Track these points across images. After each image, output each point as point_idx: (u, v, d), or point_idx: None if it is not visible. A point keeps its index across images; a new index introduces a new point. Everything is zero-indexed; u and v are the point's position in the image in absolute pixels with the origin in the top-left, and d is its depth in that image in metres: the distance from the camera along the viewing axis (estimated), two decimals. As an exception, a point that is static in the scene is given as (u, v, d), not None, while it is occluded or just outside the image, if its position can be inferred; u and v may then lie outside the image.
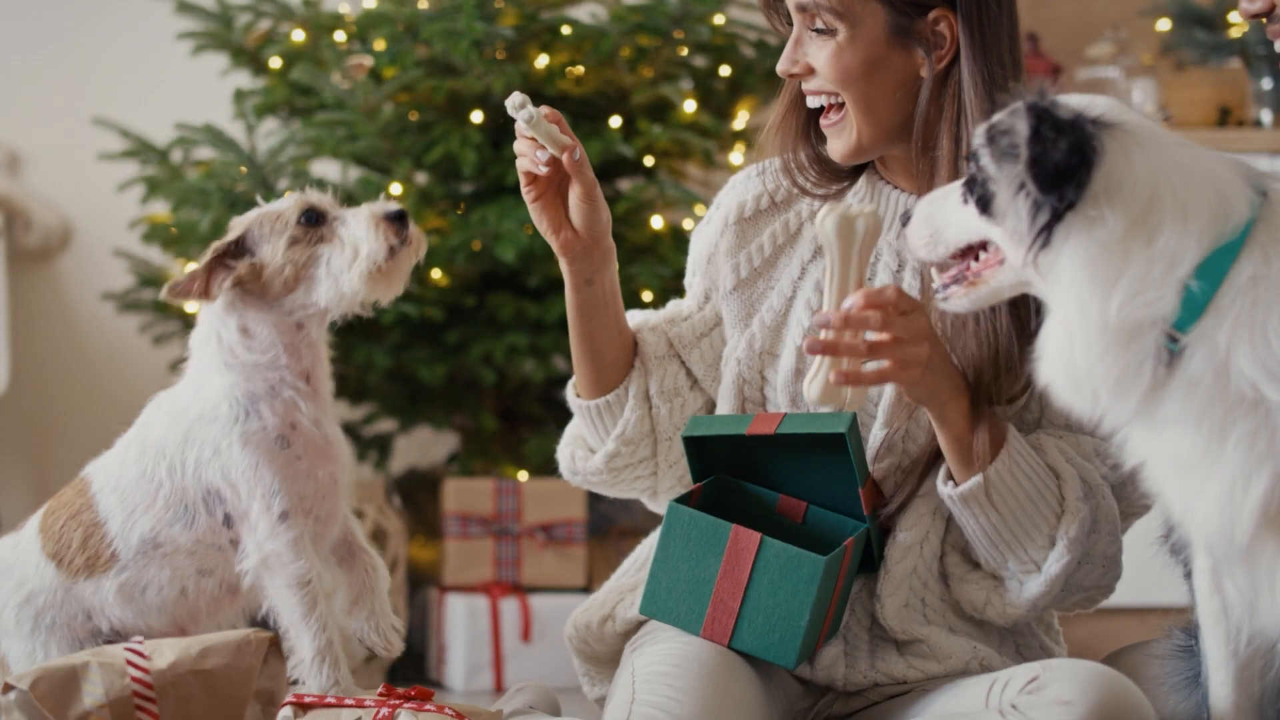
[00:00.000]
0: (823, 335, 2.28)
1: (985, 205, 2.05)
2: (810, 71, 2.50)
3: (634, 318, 2.62)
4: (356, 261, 2.49)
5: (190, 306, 4.77)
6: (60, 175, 5.59)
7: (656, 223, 4.66)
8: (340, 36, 4.70)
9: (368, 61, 4.55)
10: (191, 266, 2.54)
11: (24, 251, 5.59)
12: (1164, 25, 5.13)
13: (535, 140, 2.44)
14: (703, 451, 2.50)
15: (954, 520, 2.47)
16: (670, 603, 2.41)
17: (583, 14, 4.84)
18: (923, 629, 2.48)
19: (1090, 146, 1.97)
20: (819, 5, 2.45)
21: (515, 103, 2.38)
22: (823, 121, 2.53)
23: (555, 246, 2.50)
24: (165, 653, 2.25)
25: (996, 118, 2.06)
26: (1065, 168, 1.97)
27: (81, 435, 5.69)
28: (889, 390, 2.48)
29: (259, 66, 4.87)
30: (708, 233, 2.65)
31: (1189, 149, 2.03)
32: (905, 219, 2.19)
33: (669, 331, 2.61)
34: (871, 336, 2.27)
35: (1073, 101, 2.03)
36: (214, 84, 5.06)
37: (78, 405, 5.66)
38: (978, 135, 2.08)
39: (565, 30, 4.59)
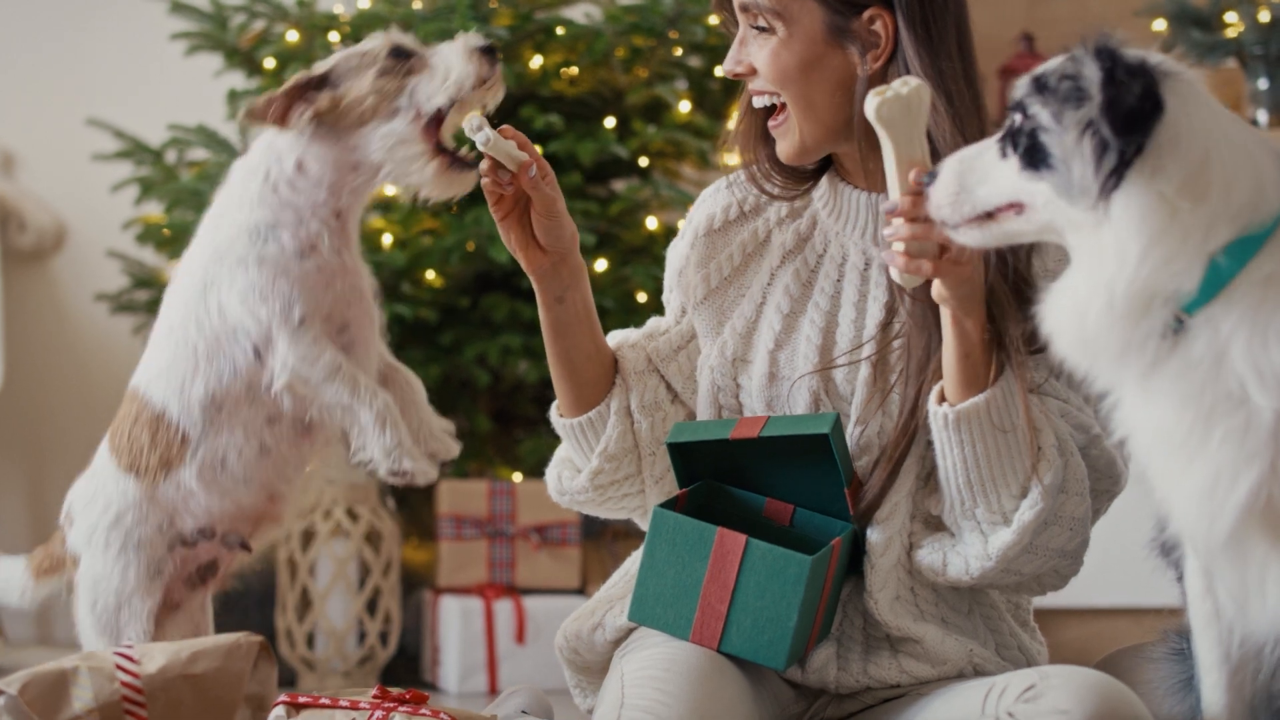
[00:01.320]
0: (893, 225, 2.26)
1: (1033, 157, 2.00)
2: (753, 71, 2.51)
3: (614, 337, 2.62)
4: (445, 85, 2.47)
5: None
6: (54, 176, 5.59)
7: (651, 223, 4.66)
8: (334, 37, 4.69)
9: (362, 62, 4.53)
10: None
11: (18, 252, 5.58)
12: (1160, 25, 5.12)
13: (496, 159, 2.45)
14: (687, 457, 2.49)
15: (917, 494, 2.46)
16: (658, 608, 2.40)
17: (577, 14, 4.84)
18: (917, 626, 2.45)
19: (1159, 93, 1.94)
20: (759, 5, 2.46)
21: (473, 125, 2.40)
22: (770, 123, 2.54)
23: (523, 264, 2.50)
24: (155, 657, 2.24)
25: (1047, 65, 2.02)
26: (1140, 111, 1.92)
27: (75, 436, 5.68)
28: (861, 387, 2.47)
29: (253, 67, 4.87)
30: (680, 248, 2.66)
31: (1235, 121, 2.00)
32: (931, 177, 2.15)
33: (647, 347, 2.60)
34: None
35: (1135, 50, 2.00)
36: (208, 85, 5.06)
37: (71, 405, 5.66)
38: (1021, 85, 2.03)
39: (560, 31, 4.58)
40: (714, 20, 4.69)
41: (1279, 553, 1.99)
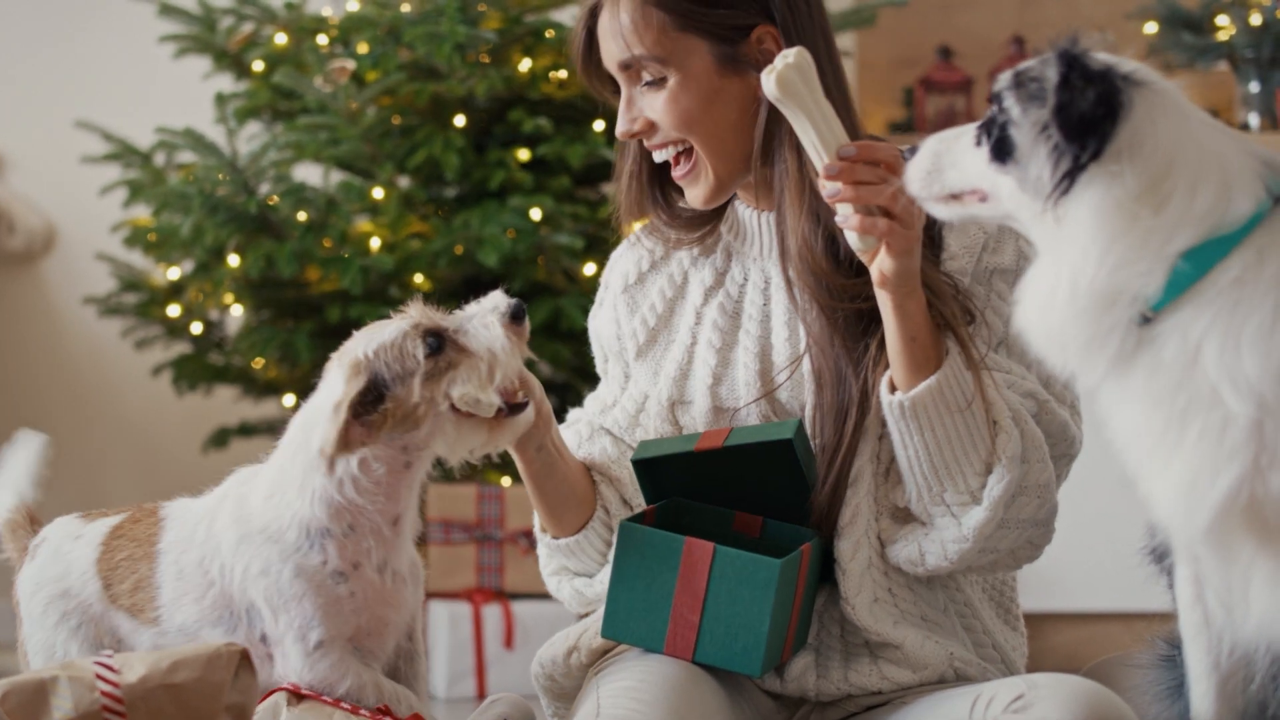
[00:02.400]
0: (829, 187, 2.26)
1: (1001, 149, 2.01)
2: (651, 127, 2.48)
3: (565, 439, 2.57)
4: (491, 381, 2.33)
5: (173, 310, 4.79)
6: (43, 178, 5.59)
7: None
8: (323, 40, 4.69)
9: (350, 65, 4.53)
10: (327, 417, 2.32)
11: (7, 254, 5.57)
12: (1151, 28, 5.12)
13: None
14: (654, 474, 2.47)
15: (879, 491, 2.44)
16: (630, 623, 2.38)
17: (566, 17, 4.83)
18: (896, 630, 2.43)
19: (1118, 100, 1.94)
20: (641, 59, 2.44)
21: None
22: (675, 174, 2.51)
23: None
24: (135, 667, 2.22)
25: (1026, 64, 2.03)
26: (1090, 118, 1.93)
27: (64, 438, 5.67)
28: (809, 398, 2.46)
29: (241, 70, 4.86)
30: (603, 314, 2.65)
31: (1212, 128, 2.00)
32: (912, 151, 2.13)
33: (604, 424, 2.59)
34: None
35: (1105, 56, 2.01)
36: (197, 87, 5.05)
37: (60, 408, 5.65)
38: (1003, 79, 2.04)
39: (548, 34, 4.58)
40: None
41: (1265, 554, 1.98)
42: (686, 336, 2.55)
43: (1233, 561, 2.01)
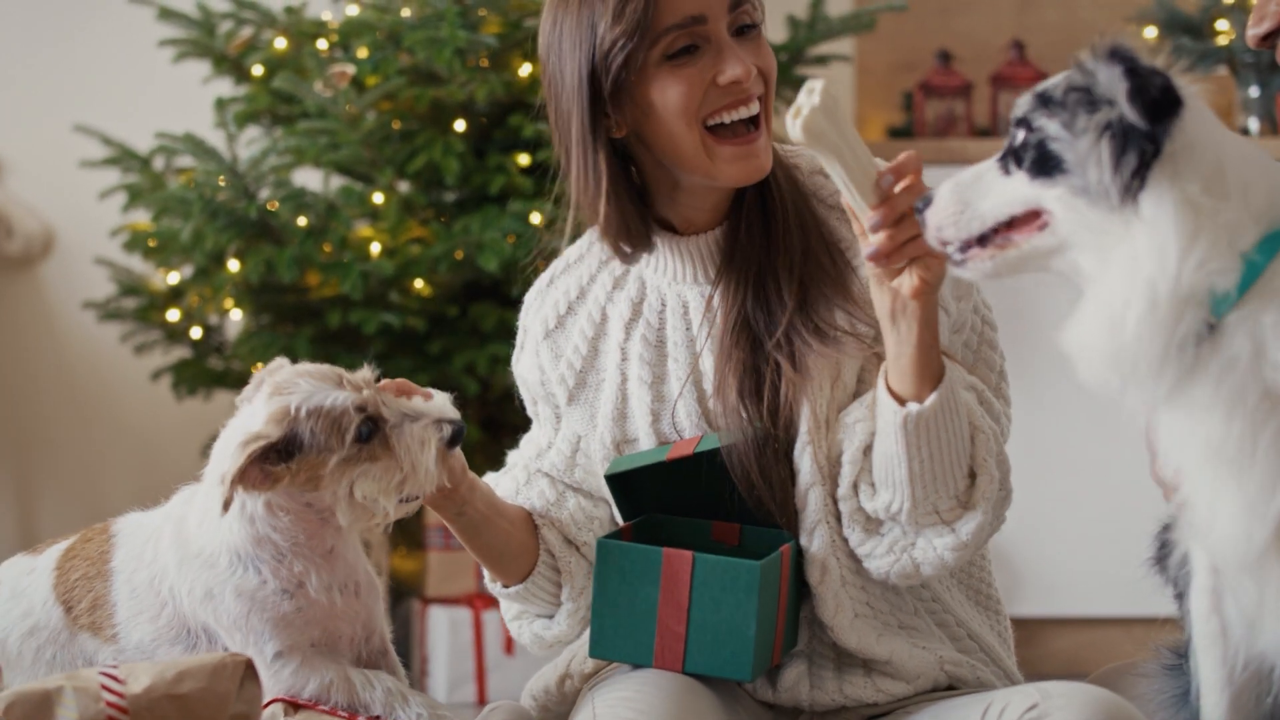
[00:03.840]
0: (874, 240, 2.17)
1: (1044, 165, 1.96)
2: (753, 75, 2.38)
3: (502, 485, 2.54)
4: (402, 489, 2.26)
5: (173, 315, 4.78)
6: (42, 182, 5.58)
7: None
8: (322, 44, 4.68)
9: (350, 70, 4.53)
10: (231, 451, 2.23)
11: (5, 258, 5.57)
12: (1151, 33, 5.11)
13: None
14: (629, 490, 2.45)
15: (838, 502, 2.39)
16: (617, 640, 2.36)
17: (566, 22, 4.82)
18: (880, 645, 2.40)
19: (1179, 93, 1.92)
20: None
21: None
22: (746, 140, 2.38)
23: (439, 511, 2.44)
24: (140, 677, 2.22)
25: (1050, 81, 1.99)
26: (1164, 102, 1.90)
27: (63, 444, 5.67)
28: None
29: (241, 74, 4.86)
30: (525, 359, 2.58)
31: (1240, 140, 1.99)
32: (925, 202, 2.05)
33: (541, 468, 2.54)
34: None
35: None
36: (196, 91, 5.05)
37: (59, 413, 5.64)
38: (1024, 102, 1.99)
39: (549, 38, 4.56)
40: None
41: None
42: (615, 375, 2.49)
43: (1267, 576, 1.99)
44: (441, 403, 2.30)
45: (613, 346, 2.50)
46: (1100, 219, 1.94)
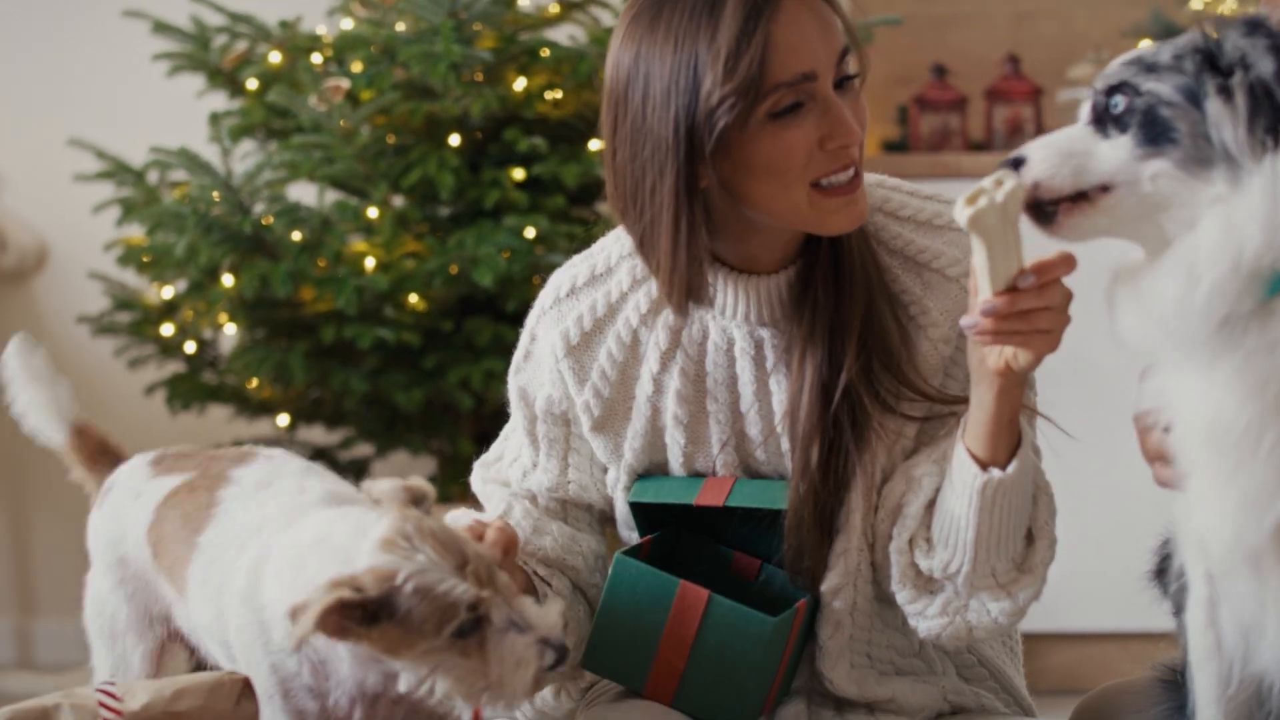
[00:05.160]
0: (979, 320, 2.06)
1: (1152, 132, 1.94)
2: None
3: (492, 501, 2.47)
4: (479, 699, 2.06)
5: (167, 329, 4.76)
6: (36, 195, 5.57)
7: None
8: (317, 59, 4.67)
9: (344, 84, 4.52)
10: (321, 587, 2.01)
11: (0, 272, 5.56)
12: (1146, 46, 5.11)
13: None
14: (651, 513, 2.39)
15: (871, 563, 2.32)
16: (613, 657, 2.31)
17: (561, 36, 4.82)
18: (883, 687, 2.37)
19: None
20: (849, 47, 2.22)
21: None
22: (850, 190, 2.23)
23: None
24: (138, 695, 2.21)
25: (1144, 50, 1.99)
26: None
27: (56, 458, 5.65)
28: (787, 462, 2.35)
29: (235, 88, 4.85)
30: (536, 375, 2.43)
31: None
32: (1018, 161, 1.98)
33: (529, 487, 2.45)
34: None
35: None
36: (190, 105, 5.04)
37: (53, 428, 5.62)
38: (1118, 69, 1.99)
39: (544, 53, 4.56)
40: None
41: None
42: (645, 407, 2.37)
43: (1264, 587, 1.98)
44: (553, 617, 2.10)
45: (644, 375, 2.37)
46: (1202, 187, 1.93)
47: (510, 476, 2.50)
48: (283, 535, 2.19)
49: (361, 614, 2.01)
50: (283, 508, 2.26)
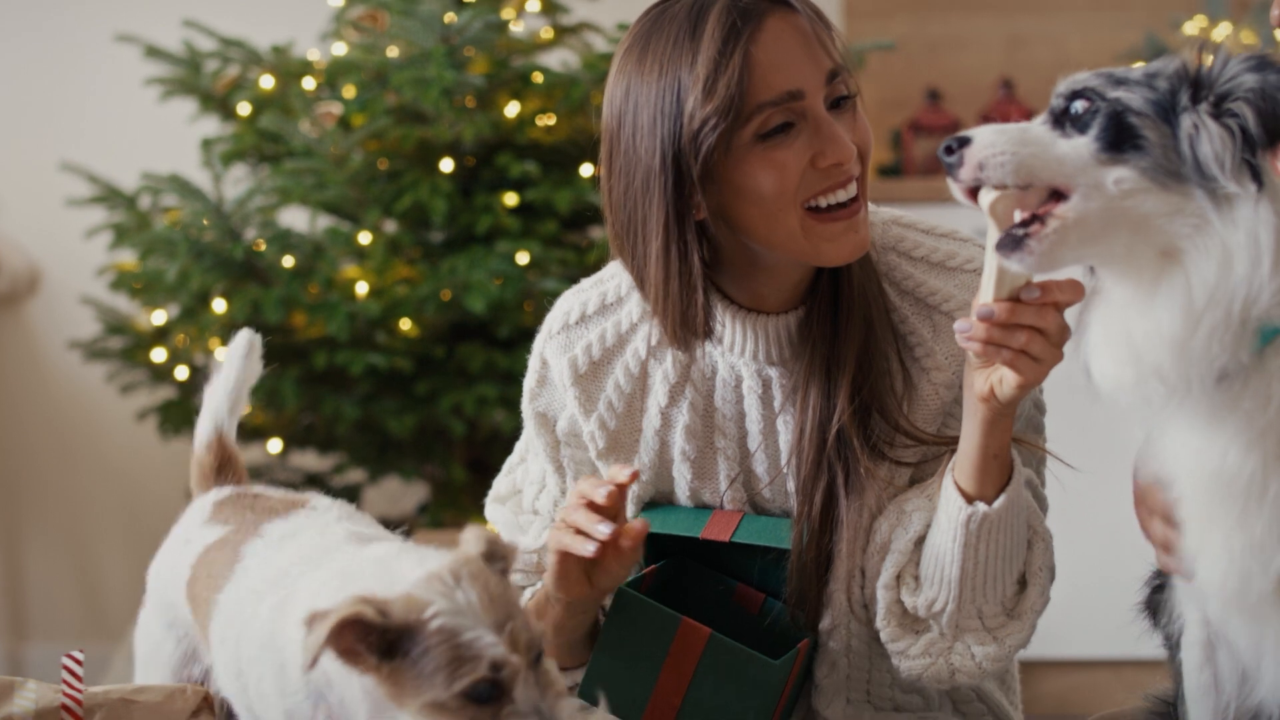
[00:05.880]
0: (975, 325, 2.02)
1: (1117, 138, 1.86)
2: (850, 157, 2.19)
3: (500, 521, 2.45)
4: None
5: (159, 354, 4.75)
6: (28, 220, 5.57)
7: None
8: (309, 84, 4.67)
9: (336, 109, 4.52)
10: (341, 606, 1.85)
11: (-9, 297, 5.55)
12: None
13: (594, 514, 2.17)
14: (657, 539, 2.37)
15: (863, 602, 2.30)
16: (611, 690, 2.24)
17: (553, 62, 4.82)
18: None
19: None
20: (842, 68, 2.19)
21: None
22: (848, 215, 2.19)
23: (561, 590, 2.24)
24: (101, 685, 2.24)
25: (1118, 69, 1.92)
26: None
27: (48, 483, 5.64)
28: (792, 500, 2.33)
29: (227, 113, 4.85)
30: (555, 397, 2.40)
31: None
32: (960, 141, 1.91)
33: (539, 507, 2.45)
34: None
35: None
36: (182, 130, 5.04)
37: (44, 452, 5.62)
38: (1085, 77, 1.91)
39: (536, 78, 4.56)
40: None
41: None
42: (653, 441, 2.36)
43: (1265, 627, 1.96)
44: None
45: (651, 408, 2.35)
46: (1178, 201, 1.86)
47: (540, 507, 2.48)
48: (308, 577, 2.06)
49: (379, 641, 1.83)
50: (302, 553, 2.15)
